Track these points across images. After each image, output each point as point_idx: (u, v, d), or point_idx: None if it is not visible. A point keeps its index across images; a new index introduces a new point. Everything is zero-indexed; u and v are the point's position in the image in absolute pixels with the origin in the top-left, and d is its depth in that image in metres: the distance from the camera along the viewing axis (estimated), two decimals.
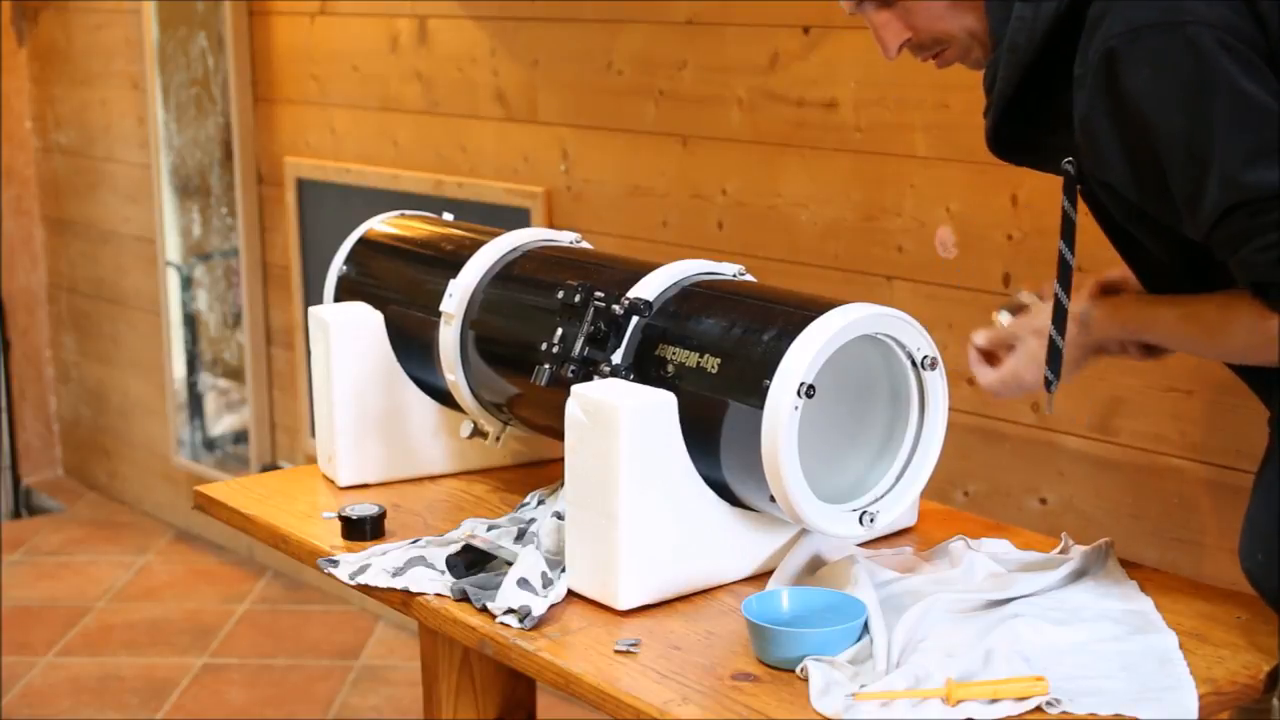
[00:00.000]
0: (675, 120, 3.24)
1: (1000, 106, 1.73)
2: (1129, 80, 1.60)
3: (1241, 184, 1.57)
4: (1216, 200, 1.58)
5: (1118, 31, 1.60)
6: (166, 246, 4.78)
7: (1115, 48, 1.60)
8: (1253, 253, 1.59)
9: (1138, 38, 1.59)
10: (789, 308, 1.82)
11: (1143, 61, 1.59)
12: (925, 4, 1.77)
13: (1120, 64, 1.60)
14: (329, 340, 2.23)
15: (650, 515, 1.80)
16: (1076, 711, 1.56)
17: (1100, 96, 1.62)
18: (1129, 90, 1.60)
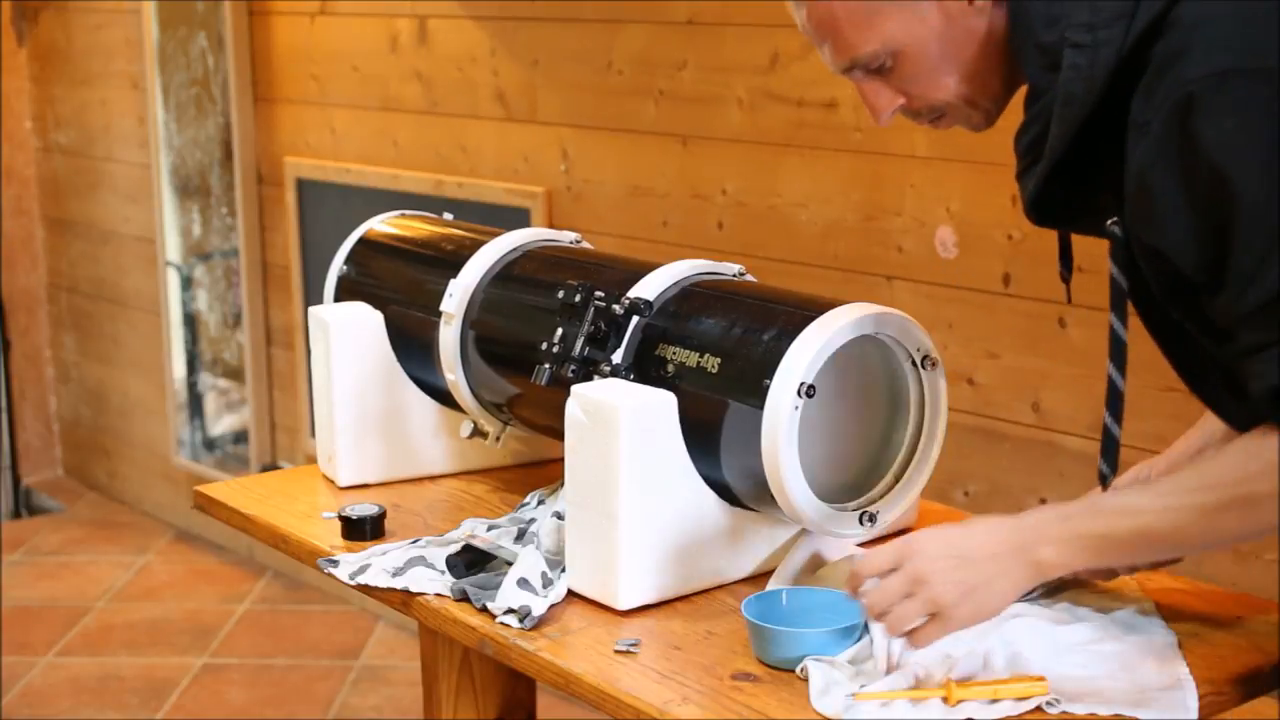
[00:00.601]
0: (675, 120, 3.24)
1: (1048, 167, 1.54)
2: (1207, 131, 1.39)
3: None
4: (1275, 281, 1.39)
5: (1199, 75, 1.40)
6: (166, 246, 4.79)
7: (1195, 93, 1.40)
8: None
9: (1224, 83, 1.39)
10: (789, 308, 1.82)
11: (1226, 111, 1.39)
12: (919, 74, 1.60)
13: (1199, 112, 1.40)
14: (329, 340, 2.23)
15: (650, 515, 1.80)
16: (1076, 711, 1.56)
17: (1168, 147, 1.42)
18: (1205, 142, 1.40)
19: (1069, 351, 2.66)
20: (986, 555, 1.55)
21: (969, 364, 2.80)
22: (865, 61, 1.61)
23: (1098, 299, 2.61)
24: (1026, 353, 2.71)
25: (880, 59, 1.60)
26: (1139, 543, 1.53)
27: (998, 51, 1.58)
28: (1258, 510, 1.46)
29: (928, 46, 1.58)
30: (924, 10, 1.57)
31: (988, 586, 1.54)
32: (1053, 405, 2.70)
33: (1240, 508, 1.47)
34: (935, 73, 1.60)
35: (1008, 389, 2.76)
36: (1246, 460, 1.46)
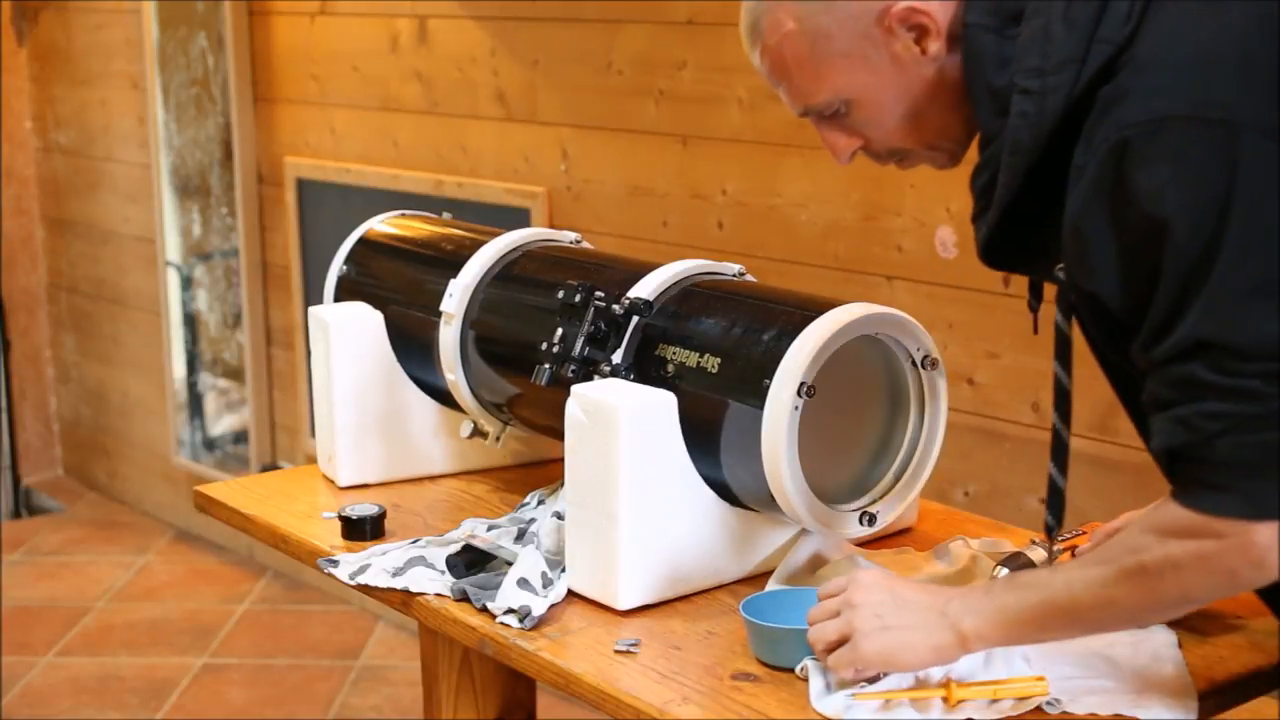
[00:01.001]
0: (675, 120, 3.24)
1: (998, 214, 1.50)
2: (1141, 177, 1.35)
3: (1224, 321, 1.33)
4: (1189, 330, 1.34)
5: (1136, 120, 1.35)
6: (166, 246, 4.79)
7: (1131, 138, 1.35)
8: (1196, 416, 1.35)
9: (1160, 129, 1.34)
10: (789, 308, 1.82)
11: (1162, 158, 1.34)
12: (875, 121, 1.58)
13: (1133, 158, 1.35)
14: (329, 340, 2.23)
15: (650, 515, 1.80)
16: (1076, 711, 1.56)
17: (1101, 192, 1.38)
18: (1136, 189, 1.35)
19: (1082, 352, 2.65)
20: (914, 605, 1.54)
21: (969, 364, 2.80)
22: (819, 109, 1.61)
23: None
24: (1026, 353, 2.71)
25: (833, 106, 1.59)
26: (1046, 617, 1.49)
27: (954, 95, 1.54)
28: (1152, 582, 1.42)
29: (880, 95, 1.56)
30: (875, 60, 1.54)
31: (904, 632, 1.53)
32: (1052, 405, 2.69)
33: (1132, 580, 1.43)
34: (890, 119, 1.58)
35: (1008, 389, 2.76)
36: (1140, 532, 1.44)
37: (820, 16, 1.54)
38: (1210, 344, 1.34)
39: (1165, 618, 1.54)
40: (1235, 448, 1.35)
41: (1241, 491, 1.36)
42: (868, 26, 1.53)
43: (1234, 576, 1.39)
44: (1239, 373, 1.34)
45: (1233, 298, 1.33)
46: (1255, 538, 1.36)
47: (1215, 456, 1.36)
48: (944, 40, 1.52)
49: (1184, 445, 1.38)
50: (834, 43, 1.54)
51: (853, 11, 1.53)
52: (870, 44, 1.53)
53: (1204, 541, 1.38)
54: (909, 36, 1.52)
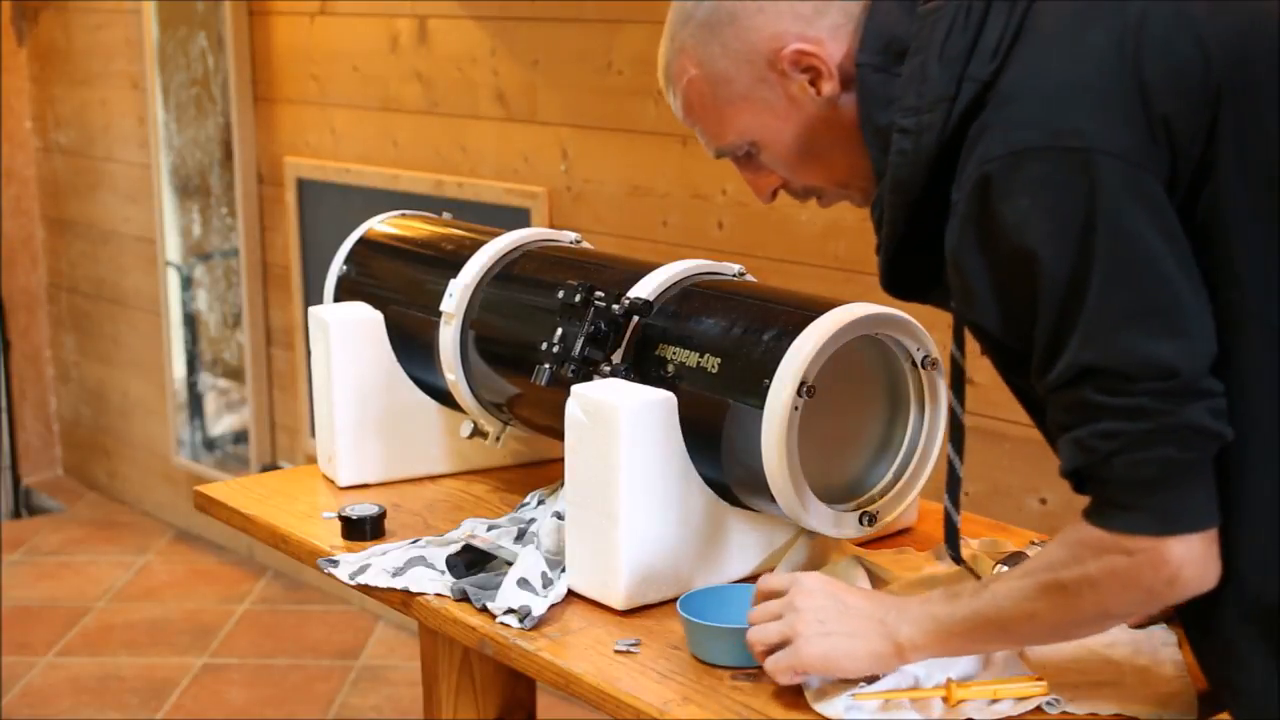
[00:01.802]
0: (675, 120, 3.22)
1: (890, 248, 1.52)
2: (1004, 210, 1.36)
3: (1106, 347, 1.35)
4: (1073, 359, 1.36)
5: (995, 155, 1.37)
6: (166, 246, 4.79)
7: (990, 173, 1.37)
8: (1092, 437, 1.37)
9: (1018, 163, 1.36)
10: (789, 308, 1.82)
11: (1021, 191, 1.36)
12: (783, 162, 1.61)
13: (996, 192, 1.37)
14: (329, 340, 2.23)
15: (650, 515, 1.80)
16: (1076, 711, 1.56)
17: (970, 227, 1.40)
18: (1002, 222, 1.37)
19: None
20: (855, 613, 1.55)
21: (969, 364, 2.79)
22: (728, 151, 1.63)
23: None
24: None
25: (741, 148, 1.62)
26: (974, 629, 1.50)
27: (856, 135, 1.55)
28: (1069, 598, 1.43)
29: (782, 135, 1.58)
30: (773, 101, 1.56)
31: (845, 638, 1.54)
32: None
33: (1051, 595, 1.44)
34: (796, 159, 1.60)
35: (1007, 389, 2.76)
36: (1058, 548, 1.45)
37: (719, 62, 1.56)
38: (1095, 369, 1.36)
39: (1090, 632, 1.54)
40: (1131, 465, 1.36)
41: (1146, 509, 1.38)
42: (762, 69, 1.55)
43: (1150, 593, 1.40)
44: (1127, 393, 1.35)
45: (1109, 323, 1.35)
46: (1165, 553, 1.38)
47: (1114, 475, 1.38)
48: (837, 80, 1.54)
49: (1084, 466, 1.39)
50: (734, 86, 1.57)
51: (748, 55, 1.55)
52: (767, 86, 1.56)
53: (1115, 558, 1.39)
54: (803, 78, 1.54)
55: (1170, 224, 1.36)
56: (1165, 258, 1.35)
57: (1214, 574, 1.40)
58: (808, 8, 1.53)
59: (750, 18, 1.54)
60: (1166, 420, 1.35)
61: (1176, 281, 1.35)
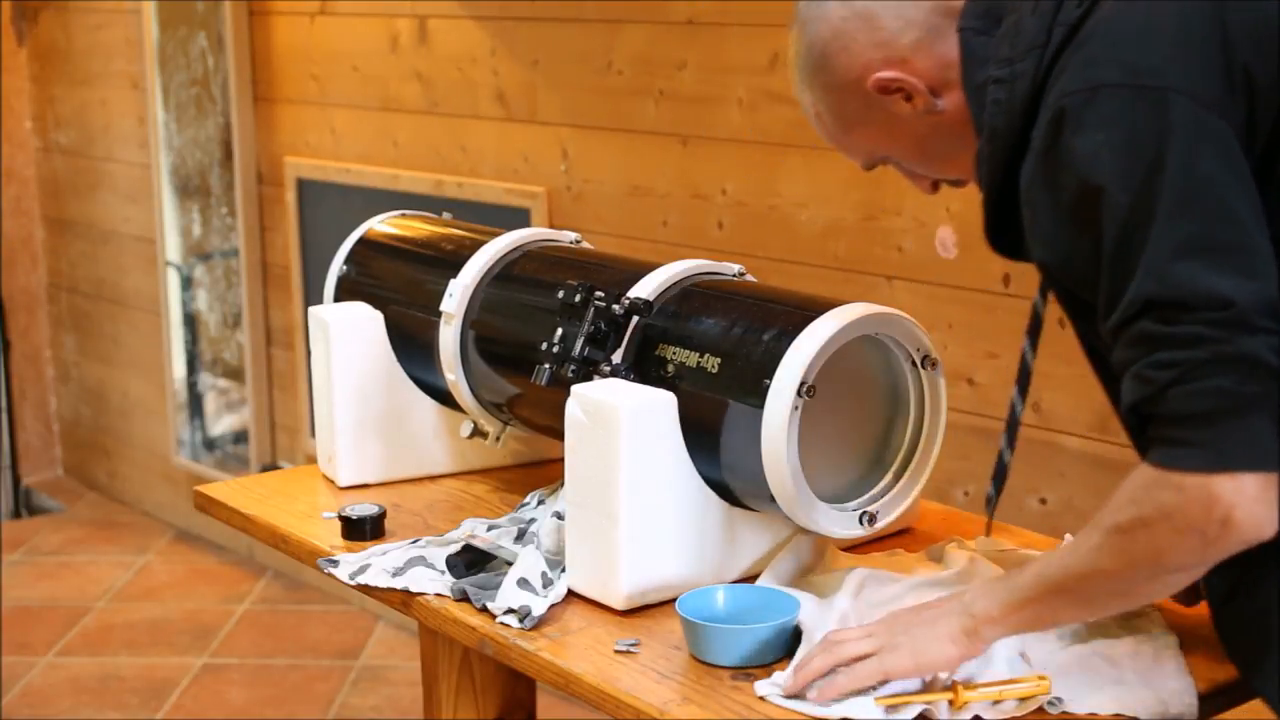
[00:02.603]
0: (675, 120, 3.24)
1: (991, 199, 1.55)
2: (1076, 144, 1.40)
3: (1165, 278, 1.36)
4: (1135, 293, 1.37)
5: (1072, 90, 1.41)
6: (166, 246, 4.79)
7: (1067, 107, 1.41)
8: (1148, 367, 1.37)
9: (1093, 98, 1.39)
10: (789, 308, 1.82)
11: (1095, 125, 1.39)
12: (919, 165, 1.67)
13: (1069, 126, 1.40)
14: (329, 340, 2.23)
15: (650, 515, 1.80)
16: (1077, 711, 1.56)
17: (1042, 160, 1.43)
18: (1073, 156, 1.40)
19: (1069, 351, 2.64)
20: (930, 609, 1.59)
21: (969, 364, 2.80)
22: (864, 165, 1.71)
23: None
24: None
25: (874, 162, 1.69)
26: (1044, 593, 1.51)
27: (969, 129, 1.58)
28: (1126, 544, 1.42)
29: (904, 147, 1.65)
30: (885, 122, 1.63)
31: (927, 628, 1.55)
32: (1053, 405, 2.70)
33: (1110, 543, 1.44)
34: (926, 164, 1.67)
35: (1008, 389, 2.75)
36: (1118, 494, 1.44)
37: (829, 96, 1.65)
38: (1155, 301, 1.37)
39: (1152, 590, 1.50)
40: (1186, 397, 1.36)
41: (1197, 444, 1.36)
42: (863, 97, 1.62)
43: (1203, 537, 1.38)
44: (1184, 322, 1.36)
45: (1169, 255, 1.36)
46: (1215, 490, 1.35)
47: (1169, 409, 1.37)
48: (927, 92, 1.59)
49: (1141, 400, 1.39)
50: (848, 114, 1.65)
51: (847, 89, 1.62)
52: (873, 110, 1.63)
53: (1167, 495, 1.38)
54: (898, 97, 1.60)
55: (1239, 167, 1.38)
56: (1232, 198, 1.36)
57: (1272, 521, 1.36)
58: (885, 34, 1.59)
59: (836, 57, 1.61)
60: (1222, 349, 1.35)
61: (1240, 222, 1.36)
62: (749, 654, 1.65)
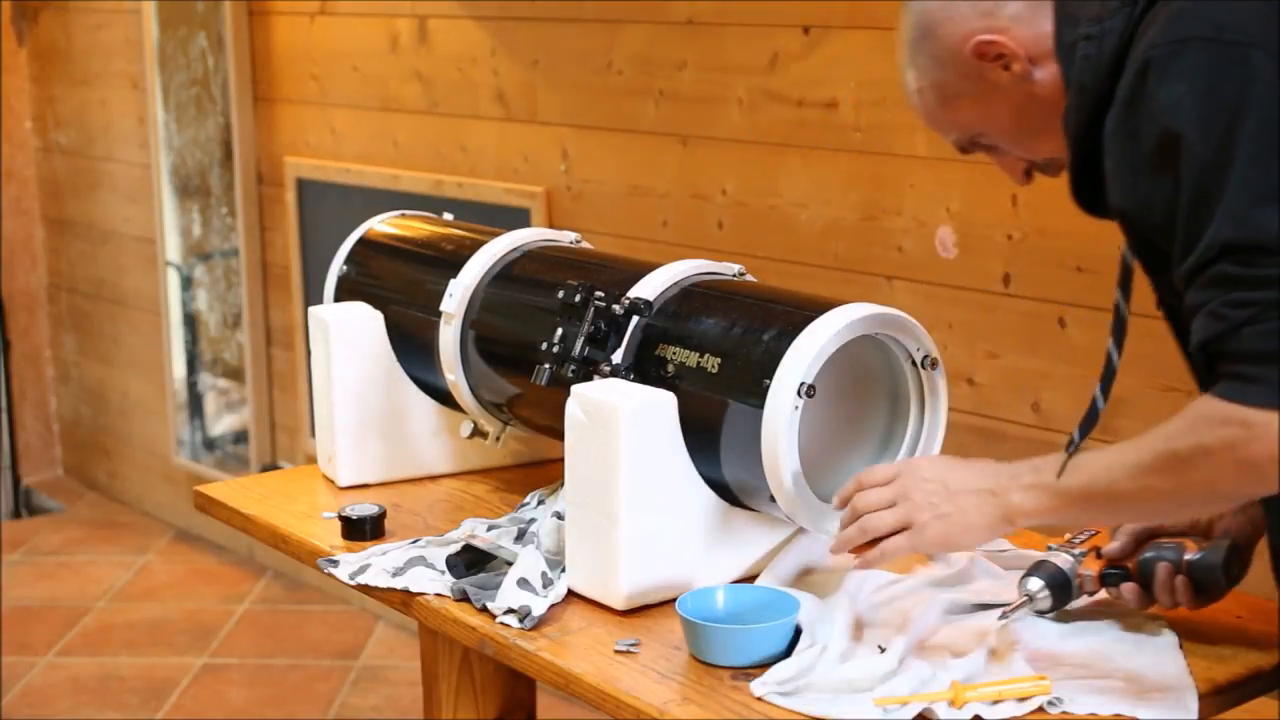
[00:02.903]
0: (675, 120, 3.24)
1: (1076, 153, 1.60)
2: (1160, 93, 1.45)
3: (1244, 222, 1.41)
4: (1212, 238, 1.42)
5: (1160, 42, 1.46)
6: (166, 246, 4.79)
7: (1153, 58, 1.46)
8: (1224, 305, 1.42)
9: (1182, 50, 1.45)
10: (789, 308, 1.82)
11: (1180, 76, 1.44)
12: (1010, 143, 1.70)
13: (1154, 76, 1.45)
14: (329, 340, 2.23)
15: (650, 515, 1.80)
16: (1077, 711, 1.56)
17: (1125, 110, 1.48)
18: (1158, 104, 1.45)
19: (1069, 351, 2.66)
20: (967, 489, 1.62)
21: (969, 364, 2.80)
22: (959, 144, 1.74)
23: (1097, 299, 2.61)
24: (1026, 353, 2.71)
25: (968, 140, 1.72)
26: (1086, 499, 1.55)
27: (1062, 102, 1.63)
28: (1183, 470, 1.47)
29: (999, 120, 1.68)
30: (982, 93, 1.67)
31: (961, 516, 1.61)
32: (1053, 405, 2.70)
33: (1165, 467, 1.48)
34: (1019, 137, 1.69)
35: (1008, 389, 2.76)
36: (1177, 421, 1.49)
37: (932, 70, 1.69)
38: (1234, 245, 1.41)
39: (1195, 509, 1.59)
40: (1260, 335, 1.41)
41: (1266, 381, 1.41)
42: (964, 67, 1.65)
43: (1257, 469, 1.42)
44: (1261, 265, 1.41)
45: (1248, 201, 1.41)
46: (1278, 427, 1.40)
47: (1242, 346, 1.42)
48: (1026, 59, 1.63)
49: (1214, 336, 1.44)
50: (948, 87, 1.68)
51: (949, 59, 1.66)
52: (971, 81, 1.66)
53: (1233, 430, 1.42)
54: (996, 65, 1.64)
55: None
56: None
57: None
58: (988, 4, 1.64)
59: (941, 26, 1.66)
60: None
61: None
62: (749, 654, 1.65)
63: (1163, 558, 1.71)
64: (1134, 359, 2.59)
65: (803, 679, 1.60)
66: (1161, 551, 1.72)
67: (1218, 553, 1.70)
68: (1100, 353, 1.69)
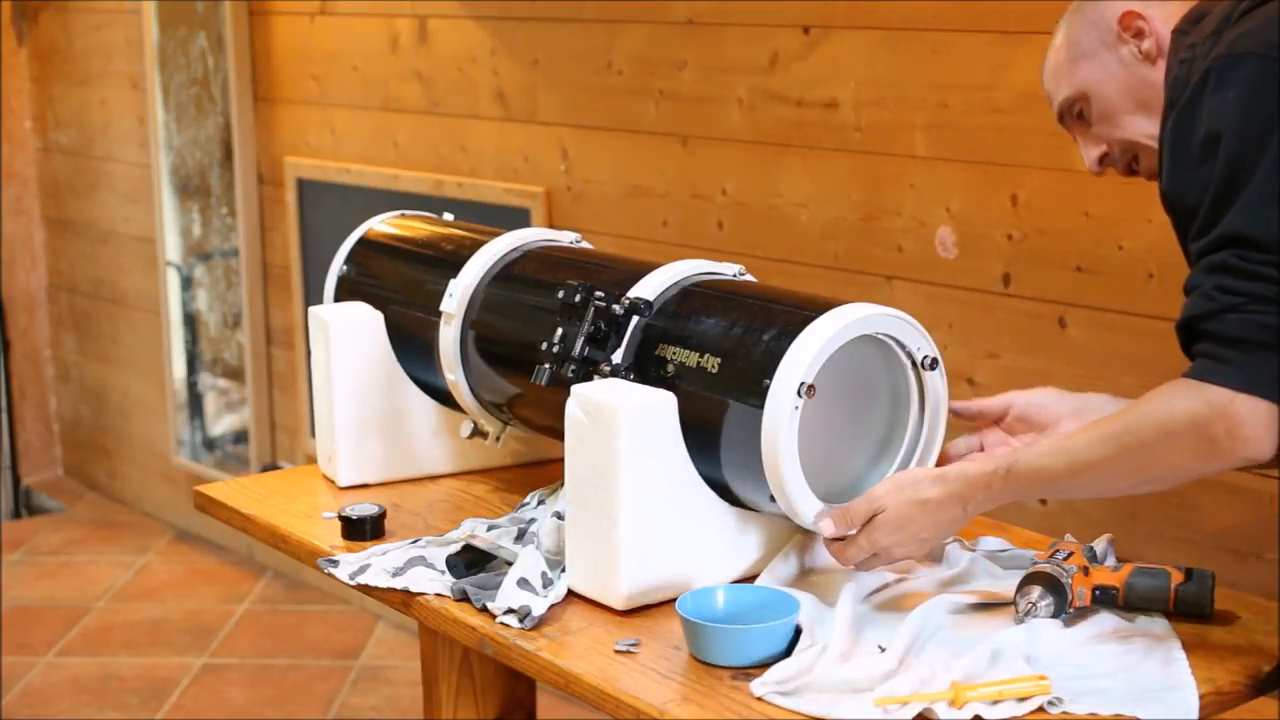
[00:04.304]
0: (675, 120, 3.24)
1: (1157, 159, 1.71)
2: (1213, 100, 1.59)
3: (1255, 218, 1.54)
4: (1225, 227, 1.56)
5: (1221, 54, 1.61)
6: (166, 246, 4.79)
7: (1213, 68, 1.60)
8: (1216, 289, 1.56)
9: (1238, 63, 1.59)
10: (789, 308, 1.82)
11: (1231, 84, 1.58)
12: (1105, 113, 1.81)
13: (1210, 83, 1.60)
14: (329, 340, 2.23)
15: (650, 515, 1.80)
16: (1077, 711, 1.56)
17: (1184, 110, 1.62)
18: (1208, 108, 1.59)
19: (1069, 351, 2.66)
20: (935, 523, 1.73)
21: (969, 364, 2.80)
22: (1064, 106, 1.84)
23: (1097, 299, 2.61)
24: (1026, 353, 2.71)
25: (1075, 103, 1.83)
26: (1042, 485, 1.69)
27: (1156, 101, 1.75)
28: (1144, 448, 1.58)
29: (1109, 89, 1.80)
30: (1109, 62, 1.80)
31: (930, 541, 1.75)
32: None
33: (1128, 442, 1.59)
34: (1117, 113, 1.80)
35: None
36: (1143, 399, 1.60)
37: (1076, 29, 1.83)
38: (1240, 237, 1.54)
39: (1152, 486, 1.65)
40: (1239, 323, 1.53)
41: (1237, 365, 1.53)
42: (1105, 34, 1.80)
43: (1217, 447, 1.54)
44: (1260, 261, 1.53)
45: (1264, 200, 1.53)
46: (1238, 409, 1.52)
47: (1223, 329, 1.54)
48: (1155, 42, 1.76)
49: (1200, 315, 1.56)
50: (1081, 46, 1.82)
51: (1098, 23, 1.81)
52: (1105, 48, 1.80)
53: (1199, 408, 1.54)
54: (1132, 42, 1.78)
55: None
56: None
57: (1273, 446, 1.53)
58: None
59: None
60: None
61: None
62: (749, 654, 1.65)
63: (1152, 584, 1.75)
64: (1134, 359, 2.60)
65: (803, 679, 1.60)
66: (1149, 578, 1.75)
67: (1205, 580, 1.75)
68: (1100, 352, 1.71)
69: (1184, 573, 1.76)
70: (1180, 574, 1.76)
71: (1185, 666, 1.65)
